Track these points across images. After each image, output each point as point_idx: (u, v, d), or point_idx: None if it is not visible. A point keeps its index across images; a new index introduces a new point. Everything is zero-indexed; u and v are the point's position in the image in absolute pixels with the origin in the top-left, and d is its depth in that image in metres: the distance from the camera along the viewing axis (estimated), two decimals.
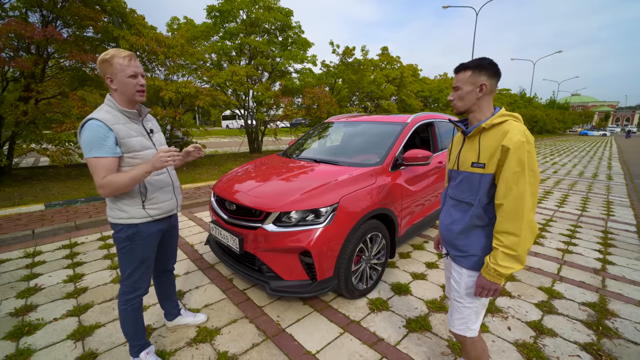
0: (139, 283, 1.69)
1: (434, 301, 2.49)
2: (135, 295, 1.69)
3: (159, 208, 1.65)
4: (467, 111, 1.32)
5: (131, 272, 1.65)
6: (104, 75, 1.48)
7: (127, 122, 1.53)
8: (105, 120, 1.43)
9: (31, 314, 2.29)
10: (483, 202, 1.26)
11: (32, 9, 6.19)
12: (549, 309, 2.42)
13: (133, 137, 1.52)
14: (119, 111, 1.51)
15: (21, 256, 3.23)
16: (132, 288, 1.68)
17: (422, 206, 3.21)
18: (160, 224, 1.70)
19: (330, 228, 2.16)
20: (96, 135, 1.40)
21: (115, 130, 1.44)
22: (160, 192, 1.65)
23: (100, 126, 1.41)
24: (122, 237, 1.58)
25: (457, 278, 1.38)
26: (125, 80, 1.46)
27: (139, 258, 1.64)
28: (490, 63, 1.25)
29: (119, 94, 1.50)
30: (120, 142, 1.45)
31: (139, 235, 1.60)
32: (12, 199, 5.01)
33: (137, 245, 1.61)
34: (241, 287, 2.69)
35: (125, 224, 1.57)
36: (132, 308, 1.70)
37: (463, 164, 1.34)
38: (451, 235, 1.39)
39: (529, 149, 1.15)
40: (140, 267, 1.67)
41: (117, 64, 1.44)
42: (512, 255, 1.17)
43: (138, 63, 1.51)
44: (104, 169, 1.42)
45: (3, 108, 5.34)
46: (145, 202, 1.59)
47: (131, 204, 1.56)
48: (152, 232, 1.66)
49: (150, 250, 1.70)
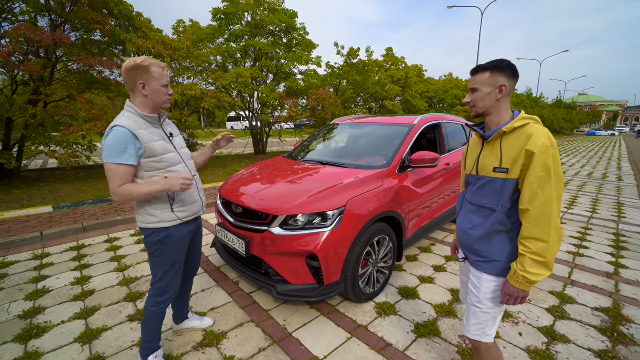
0: (170, 286, 1.72)
1: (442, 305, 2.45)
2: (166, 298, 1.72)
3: (187, 210, 1.67)
4: (485, 114, 1.29)
5: (163, 275, 1.68)
6: (134, 81, 1.48)
7: (149, 127, 1.55)
8: (129, 127, 1.44)
9: (39, 317, 2.30)
10: (506, 208, 1.24)
11: (41, 13, 6.29)
12: (561, 314, 2.36)
13: (156, 141, 1.54)
14: (140, 117, 1.53)
15: (30, 258, 3.26)
16: (163, 291, 1.71)
17: (429, 208, 3.17)
18: (189, 226, 1.73)
19: (337, 231, 2.14)
20: (119, 142, 1.42)
21: (139, 135, 1.46)
22: (187, 195, 1.67)
23: (124, 132, 1.43)
24: (154, 241, 1.60)
25: (476, 283, 1.35)
26: (159, 89, 1.51)
27: (170, 261, 1.67)
28: (509, 64, 1.24)
29: (147, 100, 1.52)
30: (145, 147, 1.48)
31: (170, 239, 1.62)
32: (21, 201, 5.08)
33: (169, 249, 1.64)
34: (247, 291, 2.67)
35: (157, 228, 1.59)
36: (160, 311, 1.73)
37: (483, 169, 1.31)
38: (470, 240, 1.36)
39: (554, 153, 1.13)
40: (171, 269, 1.69)
41: (155, 72, 1.48)
42: (541, 262, 1.15)
43: (168, 73, 1.59)
44: (120, 176, 1.44)
45: (12, 111, 5.42)
46: (174, 205, 1.61)
47: (160, 207, 1.58)
48: (183, 235, 1.68)
49: (182, 253, 1.73)
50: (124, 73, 1.49)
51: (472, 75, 1.30)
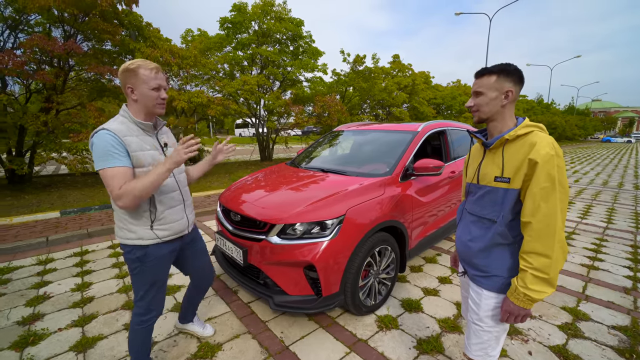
0: (152, 304, 1.62)
1: (447, 320, 2.35)
2: (150, 317, 1.63)
3: (169, 229, 1.55)
4: (489, 120, 1.23)
5: (143, 293, 1.58)
6: (124, 85, 1.41)
7: (141, 134, 1.46)
8: (117, 131, 1.36)
9: (37, 323, 2.29)
10: (507, 219, 1.17)
11: (55, 24, 6.50)
12: (574, 332, 2.23)
13: (146, 150, 1.44)
14: (133, 123, 1.45)
15: (34, 263, 3.29)
16: (146, 309, 1.61)
17: (434, 217, 3.08)
18: (171, 245, 1.60)
19: (336, 241, 2.08)
20: (108, 145, 1.32)
21: (127, 142, 1.37)
22: (170, 211, 1.55)
23: (110, 135, 1.33)
24: (132, 259, 1.50)
25: (476, 299, 1.28)
26: (147, 92, 1.40)
27: (149, 280, 1.56)
28: (515, 69, 1.18)
29: (138, 105, 1.43)
30: (131, 155, 1.37)
31: (148, 257, 1.50)
32: (31, 206, 5.17)
33: (147, 268, 1.52)
34: (246, 300, 2.62)
35: (134, 245, 1.48)
36: (144, 328, 1.64)
37: (484, 177, 1.24)
38: (469, 253, 1.29)
39: (558, 163, 1.06)
40: (151, 288, 1.58)
41: (143, 74, 1.38)
42: (544, 279, 1.07)
43: (162, 76, 1.45)
44: (119, 178, 1.32)
45: (25, 119, 5.57)
46: (155, 222, 1.49)
47: (139, 224, 1.46)
48: (163, 254, 1.56)
49: (162, 272, 1.61)
50: (119, 78, 1.44)
51: (476, 78, 1.23)
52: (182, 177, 1.67)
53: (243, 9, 10.48)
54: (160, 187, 1.47)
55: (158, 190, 1.48)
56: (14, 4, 5.87)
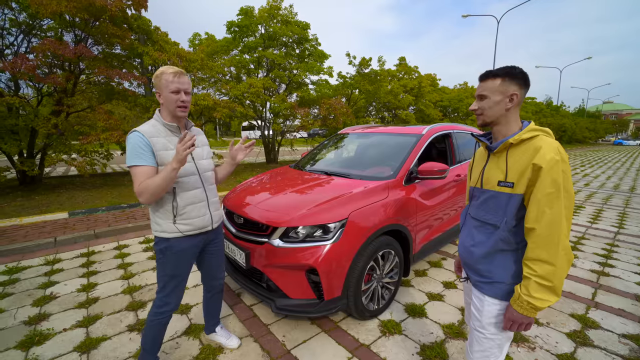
0: (169, 298, 1.68)
1: (451, 326, 2.31)
2: (165, 310, 1.69)
3: (190, 224, 1.62)
4: (493, 123, 1.21)
5: (163, 285, 1.66)
6: (155, 90, 1.57)
7: (168, 135, 1.57)
8: (145, 133, 1.50)
9: (43, 323, 2.32)
10: (510, 225, 1.14)
11: (66, 29, 6.66)
12: (583, 341, 2.17)
13: (170, 150, 1.54)
14: (161, 124, 1.57)
15: (42, 263, 3.34)
16: (163, 302, 1.68)
17: (439, 221, 3.05)
18: (193, 239, 1.67)
19: (338, 245, 2.06)
20: (135, 146, 1.47)
21: (153, 142, 1.50)
22: (192, 207, 1.62)
23: (138, 136, 1.48)
24: (157, 250, 1.62)
25: (479, 305, 1.25)
26: (168, 95, 1.51)
27: (169, 272, 1.64)
28: (521, 72, 1.16)
29: (164, 108, 1.57)
30: (156, 155, 1.50)
31: (170, 250, 1.60)
32: (40, 207, 5.27)
33: (169, 260, 1.61)
34: (249, 303, 2.62)
35: (159, 237, 1.61)
36: (159, 322, 1.70)
37: (488, 182, 1.22)
38: (472, 259, 1.27)
39: (564, 168, 1.04)
40: (170, 281, 1.66)
41: (165, 79, 1.50)
42: (547, 286, 1.05)
43: (184, 80, 1.54)
44: (140, 176, 1.45)
45: (36, 121, 5.70)
46: (177, 216, 1.58)
47: (163, 217, 1.58)
48: (184, 248, 1.63)
49: (182, 267, 1.67)
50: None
51: (480, 80, 1.21)
52: (207, 175, 1.74)
53: (250, 12, 10.59)
54: (182, 184, 1.58)
55: (180, 187, 1.58)
56: (27, 9, 6.03)
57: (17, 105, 5.49)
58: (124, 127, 6.28)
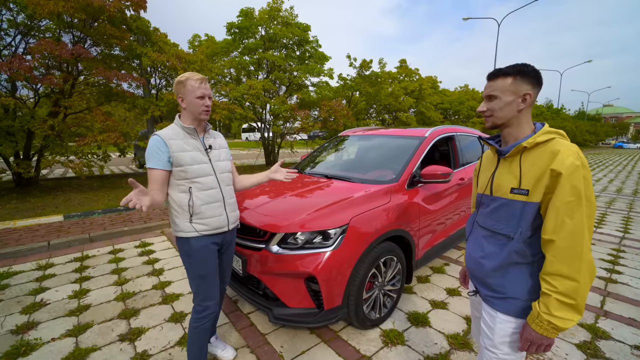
0: (206, 300, 1.68)
1: (456, 336, 2.22)
2: (206, 314, 1.68)
3: (206, 224, 1.63)
4: (503, 125, 1.12)
5: (196, 288, 1.66)
6: (177, 95, 1.61)
7: (186, 137, 1.60)
8: (164, 136, 1.54)
9: (31, 332, 2.23)
10: (525, 236, 1.05)
11: (65, 29, 6.60)
12: (593, 352, 2.08)
13: (186, 151, 1.58)
14: (180, 127, 1.61)
15: (34, 268, 3.25)
16: (202, 307, 1.67)
17: (442, 226, 2.96)
18: (213, 238, 1.67)
19: (339, 252, 1.98)
20: (153, 148, 1.53)
21: (170, 144, 1.54)
22: (207, 207, 1.63)
23: (156, 140, 1.53)
24: (182, 252, 1.64)
25: (490, 322, 1.16)
26: (194, 101, 1.56)
27: (198, 273, 1.64)
28: (533, 69, 1.06)
29: (187, 112, 1.60)
30: (173, 156, 1.53)
31: (193, 250, 1.61)
32: (35, 210, 5.18)
33: (195, 260, 1.62)
34: (245, 311, 2.53)
35: (180, 237, 1.62)
36: (203, 328, 1.68)
37: (499, 189, 1.13)
38: (482, 271, 1.17)
39: (585, 175, 0.95)
40: (202, 283, 1.65)
41: (190, 85, 1.55)
42: (570, 304, 0.95)
43: (208, 86, 1.62)
44: (154, 180, 1.52)
45: (32, 123, 5.62)
46: (193, 216, 1.59)
47: (180, 217, 1.60)
48: (206, 245, 1.64)
49: (209, 264, 1.67)
50: (174, 90, 1.65)
51: (489, 80, 1.12)
52: (224, 177, 1.74)
53: (250, 14, 10.56)
54: (198, 184, 1.60)
55: (196, 186, 1.60)
56: (26, 10, 5.97)
57: (13, 106, 5.42)
58: (122, 128, 6.20)
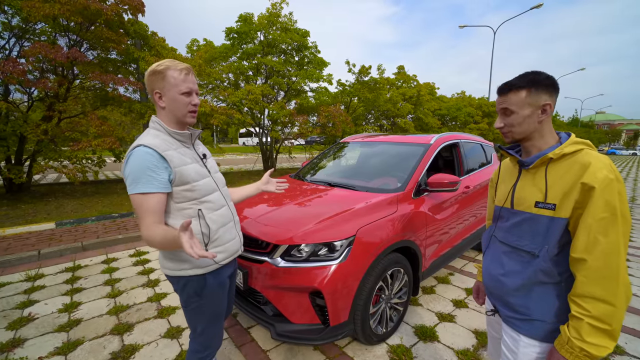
0: (213, 340, 1.40)
1: (466, 352, 2.12)
2: (209, 353, 1.41)
3: (225, 250, 1.32)
4: (524, 139, 1.05)
5: (203, 329, 1.36)
6: (151, 91, 1.20)
7: (179, 147, 1.25)
8: (156, 147, 1.15)
9: (17, 350, 2.09)
10: (552, 254, 0.97)
11: (61, 33, 6.50)
12: None
13: (188, 164, 1.23)
14: (168, 134, 1.23)
15: (22, 279, 3.11)
16: (205, 346, 1.38)
17: (448, 236, 2.88)
18: (228, 268, 1.39)
19: (345, 264, 1.88)
20: (145, 165, 1.11)
21: (169, 157, 1.16)
22: (224, 229, 1.32)
23: (149, 153, 1.13)
24: (190, 294, 1.28)
25: (512, 346, 1.07)
26: (177, 98, 1.19)
27: (210, 314, 1.34)
28: (547, 77, 0.99)
29: (167, 113, 1.22)
30: (175, 172, 1.17)
31: (207, 289, 1.28)
32: (26, 216, 5.02)
33: (207, 301, 1.30)
34: (245, 325, 2.42)
35: (189, 276, 1.25)
36: None
37: (521, 202, 1.05)
38: (502, 290, 1.09)
39: (619, 189, 0.87)
40: (214, 322, 1.37)
41: (171, 77, 1.17)
42: (605, 330, 0.86)
43: (194, 78, 1.25)
44: (151, 210, 1.12)
45: (25, 127, 5.49)
46: (209, 244, 1.26)
47: None
48: (222, 281, 1.35)
49: (223, 302, 1.39)
50: (145, 83, 1.24)
51: (500, 94, 1.03)
52: (226, 191, 1.45)
53: (249, 19, 10.54)
54: (208, 203, 1.27)
55: (207, 206, 1.27)
56: (21, 13, 5.87)
57: (5, 110, 5.28)
58: (117, 133, 6.08)
